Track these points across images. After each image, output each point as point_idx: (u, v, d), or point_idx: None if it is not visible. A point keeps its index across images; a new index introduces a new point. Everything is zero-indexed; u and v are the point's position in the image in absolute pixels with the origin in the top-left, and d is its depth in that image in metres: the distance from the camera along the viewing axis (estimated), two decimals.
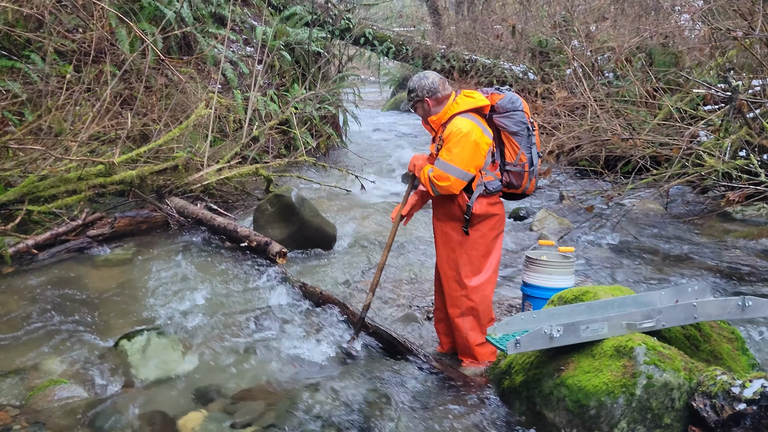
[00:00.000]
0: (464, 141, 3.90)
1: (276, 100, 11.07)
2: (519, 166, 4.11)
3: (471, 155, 3.93)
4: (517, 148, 4.09)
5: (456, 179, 3.92)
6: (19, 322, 4.72)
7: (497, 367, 3.87)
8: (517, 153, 4.10)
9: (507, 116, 4.09)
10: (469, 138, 3.90)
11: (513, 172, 4.13)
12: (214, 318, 4.92)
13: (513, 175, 4.14)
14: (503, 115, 4.10)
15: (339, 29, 13.74)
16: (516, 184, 4.16)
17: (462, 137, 3.90)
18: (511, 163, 4.12)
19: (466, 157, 3.91)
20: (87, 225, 6.51)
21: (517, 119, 4.09)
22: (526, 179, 4.15)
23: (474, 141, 3.92)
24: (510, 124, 4.09)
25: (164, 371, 4.12)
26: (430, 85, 4.12)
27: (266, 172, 8.58)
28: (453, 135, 3.93)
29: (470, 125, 3.95)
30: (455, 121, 3.98)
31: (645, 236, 7.21)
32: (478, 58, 14.68)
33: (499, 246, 4.27)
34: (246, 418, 3.61)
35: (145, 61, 8.70)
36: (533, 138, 4.15)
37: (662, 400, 3.06)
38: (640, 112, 9.77)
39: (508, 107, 4.10)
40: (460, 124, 3.95)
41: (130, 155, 7.10)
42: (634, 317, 3.35)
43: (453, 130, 3.94)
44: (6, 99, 7.50)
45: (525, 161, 4.11)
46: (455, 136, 3.92)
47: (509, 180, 4.15)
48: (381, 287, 5.63)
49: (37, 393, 3.66)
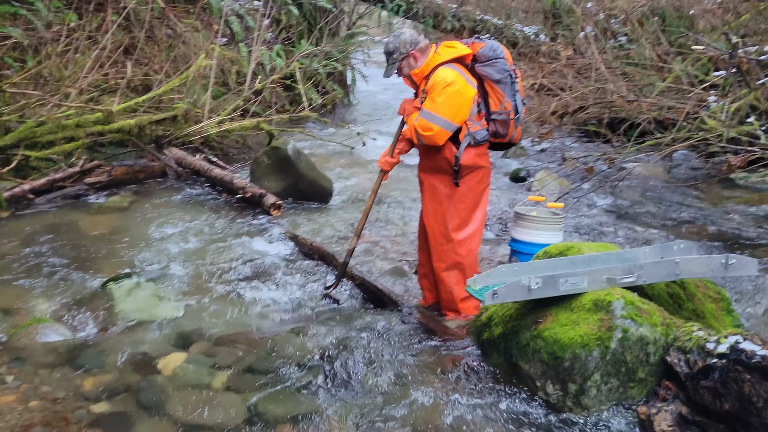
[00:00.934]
0: (448, 90, 3.85)
1: (282, 55, 10.95)
2: (504, 114, 4.07)
3: (456, 105, 3.88)
4: (501, 96, 4.04)
5: (440, 129, 3.87)
6: (11, 265, 4.75)
7: (478, 320, 3.86)
8: (501, 101, 4.05)
9: (489, 64, 4.04)
10: (453, 87, 3.85)
11: (499, 121, 4.08)
12: (203, 266, 4.95)
13: (499, 124, 4.09)
14: (485, 64, 4.04)
15: None
16: (502, 132, 4.12)
17: (446, 86, 3.85)
18: (496, 112, 4.07)
19: (451, 108, 3.86)
20: (85, 172, 6.51)
21: (500, 67, 4.04)
22: (512, 127, 4.11)
23: (458, 90, 3.87)
24: (492, 72, 4.03)
25: (149, 315, 4.15)
26: (411, 38, 4.08)
27: (268, 126, 8.52)
28: (437, 85, 3.87)
29: (454, 75, 3.89)
30: (439, 72, 3.92)
31: (645, 199, 7.15)
32: (489, 19, 14.44)
33: (485, 200, 4.25)
34: (226, 361, 3.64)
35: (148, 10, 8.61)
36: (516, 85, 4.10)
37: (637, 354, 3.05)
38: (651, 77, 9.62)
39: (490, 55, 4.04)
40: (444, 74, 3.89)
41: (129, 104, 7.09)
42: (615, 272, 3.32)
43: (437, 80, 3.89)
44: (7, 45, 7.46)
45: (510, 109, 4.07)
46: (439, 86, 3.86)
47: (495, 129, 4.11)
48: (373, 241, 5.63)
49: (20, 330, 3.70)
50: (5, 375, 3.33)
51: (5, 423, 2.93)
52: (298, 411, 3.19)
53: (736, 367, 2.56)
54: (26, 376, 3.34)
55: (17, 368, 3.40)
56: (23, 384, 3.26)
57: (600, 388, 3.05)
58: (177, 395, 3.27)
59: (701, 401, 2.70)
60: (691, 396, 2.75)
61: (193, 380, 3.42)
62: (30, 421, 2.96)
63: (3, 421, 2.94)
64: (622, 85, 8.27)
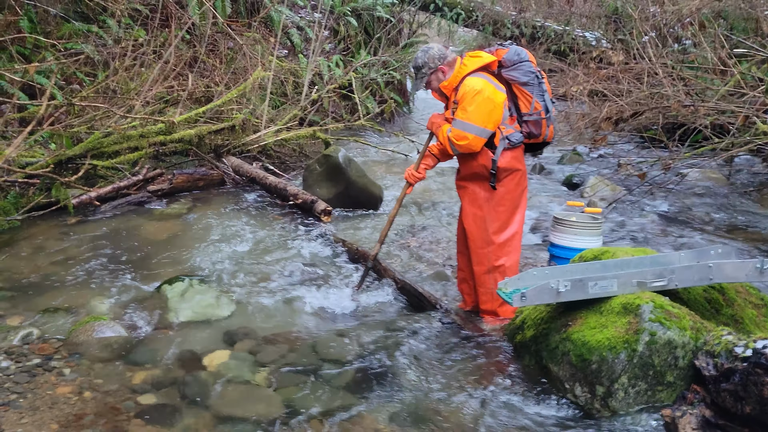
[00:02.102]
0: (479, 98, 3.95)
1: (340, 65, 11.19)
2: (535, 114, 4.16)
3: (487, 112, 3.97)
4: (530, 97, 4.14)
5: (475, 137, 3.97)
6: (75, 267, 5.05)
7: (513, 323, 3.92)
8: (531, 102, 4.15)
9: (515, 68, 4.14)
10: (483, 95, 3.95)
11: (531, 122, 4.17)
12: (254, 269, 5.15)
13: (531, 125, 4.18)
14: (511, 68, 4.15)
15: None
16: (536, 132, 4.21)
17: (476, 95, 3.95)
18: (527, 113, 4.16)
19: (482, 114, 3.96)
20: (147, 180, 6.85)
21: (525, 69, 4.15)
22: (544, 126, 4.21)
23: (488, 97, 3.96)
24: (519, 75, 4.13)
25: (200, 315, 4.36)
26: (439, 53, 4.21)
27: (324, 135, 8.74)
28: (467, 94, 3.98)
29: (482, 83, 4.00)
30: (467, 81, 4.03)
31: (700, 205, 7.02)
32: (549, 25, 14.37)
33: (524, 202, 4.31)
34: (268, 358, 3.80)
35: (209, 25, 8.97)
36: (543, 86, 4.20)
37: (665, 357, 3.06)
38: (713, 81, 9.40)
39: (515, 59, 4.15)
40: (472, 83, 4.00)
41: (189, 114, 7.40)
42: (646, 276, 3.33)
43: (466, 89, 4.00)
44: (80, 60, 7.92)
45: (540, 109, 4.16)
46: (469, 95, 3.96)
47: (529, 130, 4.20)
48: (416, 246, 5.73)
49: (78, 328, 3.95)
50: (64, 368, 3.57)
51: (60, 411, 3.16)
52: (333, 408, 3.31)
53: (756, 370, 2.56)
54: (82, 369, 3.58)
55: (75, 362, 3.65)
56: (79, 377, 3.49)
57: (627, 391, 3.07)
58: (219, 389, 3.45)
59: (723, 404, 2.69)
60: (714, 399, 2.75)
61: (236, 376, 3.59)
62: (83, 410, 3.19)
63: (59, 410, 3.17)
64: (679, 89, 8.12)
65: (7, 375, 3.45)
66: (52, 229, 5.73)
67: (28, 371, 3.51)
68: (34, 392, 3.31)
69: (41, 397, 3.28)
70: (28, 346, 3.79)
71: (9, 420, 3.04)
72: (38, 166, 5.86)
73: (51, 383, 3.41)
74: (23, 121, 6.70)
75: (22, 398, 3.24)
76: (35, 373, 3.50)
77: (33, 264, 5.04)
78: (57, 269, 4.97)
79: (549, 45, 13.68)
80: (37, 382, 3.41)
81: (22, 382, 3.39)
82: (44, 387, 3.37)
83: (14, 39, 7.39)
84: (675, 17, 11.54)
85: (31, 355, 3.68)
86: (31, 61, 7.19)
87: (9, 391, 3.30)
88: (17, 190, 5.95)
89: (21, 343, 3.81)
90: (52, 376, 3.49)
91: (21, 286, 4.66)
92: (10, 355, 3.66)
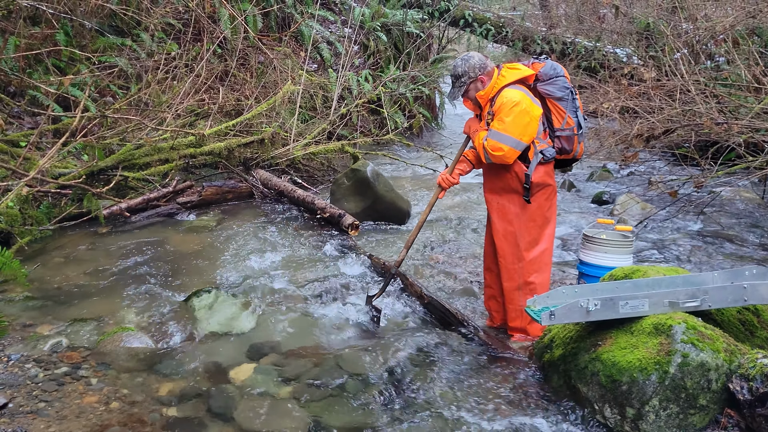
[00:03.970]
0: (516, 110, 3.93)
1: (369, 80, 11.24)
2: (568, 130, 4.16)
3: (524, 124, 3.95)
4: (563, 112, 4.12)
5: (510, 149, 3.95)
6: (105, 276, 5.11)
7: (541, 342, 3.86)
8: (563, 117, 4.13)
9: (551, 83, 4.14)
10: (521, 107, 3.95)
11: (563, 137, 4.16)
12: (280, 282, 5.15)
13: (564, 140, 4.17)
14: (547, 83, 4.14)
15: (438, 10, 13.73)
16: (568, 148, 4.20)
17: (514, 106, 3.94)
18: (560, 129, 4.15)
19: (519, 126, 3.94)
20: (177, 192, 6.91)
21: (561, 84, 4.15)
22: (576, 142, 4.20)
23: (525, 110, 3.95)
24: (554, 90, 4.12)
25: (226, 327, 4.37)
26: (480, 63, 4.19)
27: (352, 149, 8.75)
28: (504, 105, 3.96)
29: (520, 95, 3.99)
30: (505, 93, 4.01)
31: (733, 225, 6.90)
32: (579, 41, 14.29)
33: (554, 219, 4.28)
34: (293, 372, 3.79)
35: (241, 39, 9.07)
36: (576, 102, 4.19)
37: (698, 380, 2.99)
38: (747, 99, 9.25)
39: (551, 74, 4.15)
40: (510, 95, 3.98)
41: (219, 127, 7.47)
42: (678, 296, 3.27)
43: (504, 101, 3.98)
44: (113, 73, 8.05)
45: (573, 125, 4.16)
46: (507, 107, 3.95)
47: (561, 145, 4.20)
48: (445, 261, 5.70)
49: (106, 338, 3.98)
50: (91, 377, 3.60)
51: (87, 421, 3.17)
52: (356, 424, 3.28)
53: None
54: (109, 379, 3.60)
55: (102, 371, 3.67)
56: (106, 387, 3.51)
57: (659, 413, 3.00)
58: (244, 403, 3.44)
59: (758, 429, 2.62)
60: (749, 424, 2.68)
61: (261, 389, 3.58)
62: (109, 421, 3.20)
63: (85, 419, 3.19)
64: (712, 107, 8.00)
65: (35, 383, 3.48)
66: (83, 240, 5.80)
67: (56, 380, 3.53)
68: (61, 401, 3.33)
69: (68, 406, 3.30)
70: (57, 355, 3.82)
71: (36, 428, 3.06)
72: (71, 176, 5.95)
73: (78, 392, 3.43)
74: (57, 133, 6.81)
75: (50, 407, 3.27)
76: (63, 381, 3.52)
77: (63, 274, 5.10)
78: (87, 279, 5.02)
79: (579, 61, 13.59)
80: (65, 390, 3.44)
81: (50, 390, 3.41)
82: (72, 396, 3.39)
83: (50, 52, 7.54)
84: (708, 34, 11.39)
85: (60, 364, 3.71)
86: (66, 74, 7.32)
87: (37, 399, 3.33)
88: (50, 200, 6.04)
89: (50, 352, 3.85)
90: (80, 385, 3.51)
91: (51, 295, 4.71)
92: (39, 363, 3.70)
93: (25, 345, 3.91)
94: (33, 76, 7.34)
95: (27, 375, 3.55)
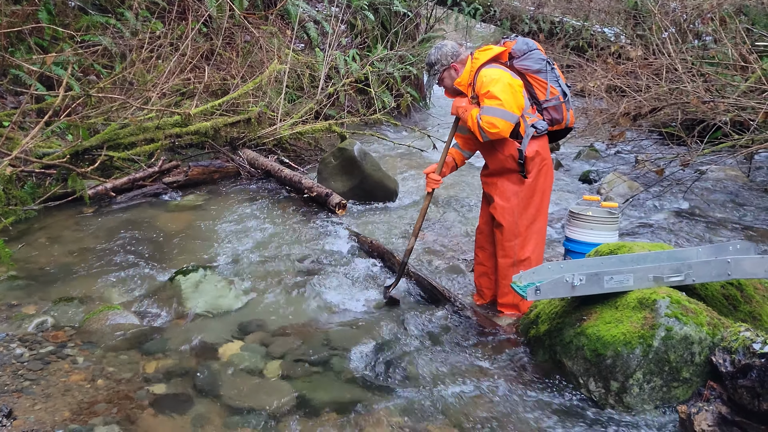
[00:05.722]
0: (499, 84, 3.93)
1: (357, 59, 11.16)
2: (554, 99, 4.17)
3: (511, 94, 3.96)
4: (545, 83, 4.15)
5: (504, 122, 3.92)
6: (90, 256, 5.08)
7: (527, 318, 3.89)
8: (546, 88, 4.13)
9: (525, 57, 4.18)
10: (503, 80, 3.94)
11: (551, 108, 4.17)
12: (267, 261, 5.14)
13: (552, 111, 4.19)
14: (522, 58, 4.19)
15: None
16: (558, 117, 4.21)
17: (495, 81, 3.93)
18: (545, 100, 4.15)
19: (508, 99, 3.92)
20: (163, 172, 6.87)
21: (536, 57, 4.18)
22: (564, 111, 4.21)
23: (508, 83, 3.96)
24: (531, 63, 4.16)
25: (213, 306, 4.36)
26: (452, 51, 4.23)
27: (340, 128, 8.72)
28: (485, 84, 3.96)
29: (499, 71, 4.01)
30: (483, 72, 4.04)
31: (718, 203, 6.93)
32: (567, 20, 14.25)
33: (548, 195, 4.27)
34: (279, 350, 3.80)
35: (226, 18, 8.98)
36: (556, 72, 4.21)
37: (681, 353, 3.02)
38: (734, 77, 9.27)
39: (524, 49, 4.19)
40: (489, 72, 4.01)
41: (205, 107, 7.41)
42: (662, 270, 3.29)
43: (484, 80, 3.98)
44: (97, 52, 7.96)
45: (557, 93, 4.18)
46: (489, 84, 3.94)
47: (551, 117, 4.20)
48: (431, 240, 5.71)
49: (92, 316, 3.97)
50: (77, 356, 3.59)
51: (73, 398, 3.17)
52: (345, 400, 3.29)
53: None
54: (95, 357, 3.59)
55: (88, 350, 3.66)
56: (92, 365, 3.51)
57: (642, 386, 3.03)
58: (231, 380, 3.45)
59: (740, 401, 2.65)
60: (731, 395, 2.71)
61: (247, 367, 3.59)
62: (95, 398, 3.19)
63: (71, 397, 3.18)
64: (699, 85, 8.01)
65: (21, 362, 3.47)
66: (68, 220, 5.76)
67: (42, 359, 3.52)
68: (47, 379, 3.33)
69: (54, 384, 3.29)
70: (42, 334, 3.81)
71: (22, 406, 3.05)
72: (55, 156, 5.89)
73: (64, 371, 3.42)
74: (40, 112, 6.73)
75: (35, 385, 3.26)
76: (49, 360, 3.52)
77: (48, 253, 5.07)
78: (72, 259, 4.99)
79: (567, 40, 13.55)
80: (51, 369, 3.43)
81: (36, 369, 3.41)
82: (57, 374, 3.38)
83: (32, 30, 7.43)
84: (695, 13, 11.39)
85: (45, 343, 3.71)
86: (48, 53, 7.22)
87: (23, 377, 3.32)
88: (34, 180, 5.98)
89: (35, 331, 3.83)
90: (66, 363, 3.50)
91: (37, 275, 4.68)
92: (25, 342, 3.69)
93: (10, 324, 3.90)
94: (15, 54, 7.24)
95: (12, 354, 3.54)
